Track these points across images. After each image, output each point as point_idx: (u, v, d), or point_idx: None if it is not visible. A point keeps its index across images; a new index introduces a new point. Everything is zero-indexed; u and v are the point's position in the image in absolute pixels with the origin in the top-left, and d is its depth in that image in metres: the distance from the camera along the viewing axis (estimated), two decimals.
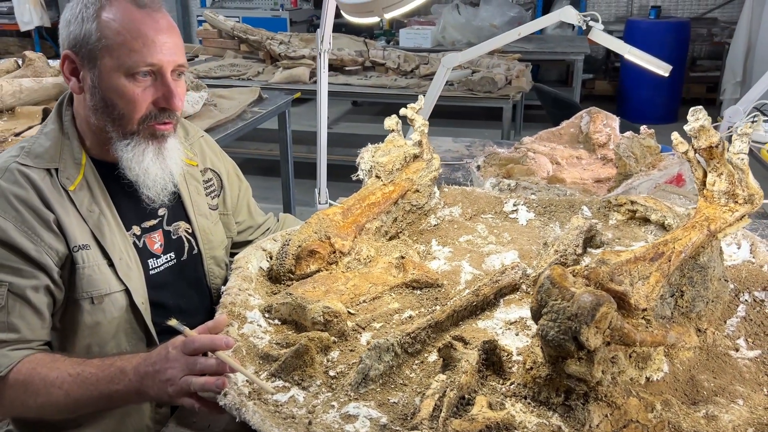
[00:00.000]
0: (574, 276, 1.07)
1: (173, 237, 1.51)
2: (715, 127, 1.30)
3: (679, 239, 1.17)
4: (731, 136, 2.87)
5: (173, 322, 1.16)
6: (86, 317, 1.36)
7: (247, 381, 1.12)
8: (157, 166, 1.38)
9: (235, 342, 1.21)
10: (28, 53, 3.11)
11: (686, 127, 1.23)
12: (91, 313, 1.36)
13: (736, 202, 1.25)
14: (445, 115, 6.85)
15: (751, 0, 6.23)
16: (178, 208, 1.53)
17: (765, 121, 2.78)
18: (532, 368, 1.09)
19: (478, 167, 2.51)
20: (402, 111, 1.71)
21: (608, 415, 1.02)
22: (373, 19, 1.29)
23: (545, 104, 4.85)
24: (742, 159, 1.21)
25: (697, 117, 1.23)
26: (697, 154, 1.27)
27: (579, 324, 0.98)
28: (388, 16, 1.25)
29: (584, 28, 2.47)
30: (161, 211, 1.49)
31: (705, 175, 1.29)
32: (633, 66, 2.53)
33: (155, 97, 1.33)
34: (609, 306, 0.99)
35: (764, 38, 5.94)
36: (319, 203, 2.12)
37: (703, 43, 7.61)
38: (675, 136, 1.27)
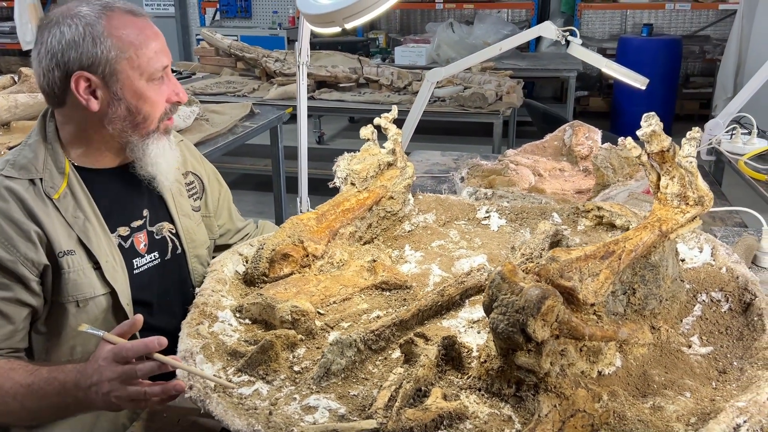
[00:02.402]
0: (525, 272, 1.12)
1: (156, 237, 1.57)
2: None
3: (630, 239, 1.22)
4: (710, 147, 2.90)
5: (84, 327, 1.19)
6: (71, 320, 1.40)
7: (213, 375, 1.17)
8: (174, 155, 1.55)
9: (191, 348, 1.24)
10: (24, 69, 3.18)
11: (639, 132, 1.28)
12: (76, 316, 1.41)
13: (688, 204, 1.30)
14: (438, 131, 6.92)
15: (740, 17, 6.32)
16: (161, 209, 1.59)
17: (743, 133, 2.84)
18: (486, 361, 1.13)
19: (462, 179, 2.56)
20: (376, 120, 1.77)
21: (557, 405, 1.06)
22: (335, 29, 1.35)
23: (535, 120, 4.93)
24: (691, 162, 1.26)
25: (649, 123, 1.28)
26: (650, 159, 1.32)
27: (526, 316, 1.03)
28: (348, 25, 1.32)
29: (562, 42, 2.53)
30: (144, 212, 1.55)
31: (659, 178, 1.34)
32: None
33: (168, 94, 1.48)
34: (555, 299, 1.04)
35: (753, 55, 6.01)
36: (301, 212, 2.17)
37: (695, 60, 7.70)
38: (628, 141, 1.32)
